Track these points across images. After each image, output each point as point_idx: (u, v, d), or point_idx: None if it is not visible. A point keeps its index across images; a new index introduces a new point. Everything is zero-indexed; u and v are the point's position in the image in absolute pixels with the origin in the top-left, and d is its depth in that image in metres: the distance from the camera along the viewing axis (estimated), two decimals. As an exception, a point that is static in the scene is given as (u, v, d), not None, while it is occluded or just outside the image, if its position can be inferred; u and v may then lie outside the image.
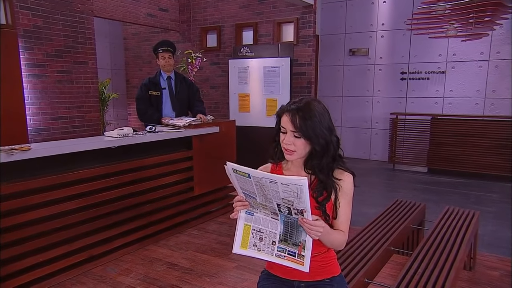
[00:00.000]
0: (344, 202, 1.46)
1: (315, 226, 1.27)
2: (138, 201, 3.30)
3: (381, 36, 7.13)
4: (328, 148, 1.44)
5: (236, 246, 1.43)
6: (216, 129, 4.01)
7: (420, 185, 5.67)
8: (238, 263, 3.03)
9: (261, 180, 1.24)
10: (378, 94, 7.29)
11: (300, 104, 1.43)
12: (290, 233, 1.36)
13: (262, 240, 1.41)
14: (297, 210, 1.27)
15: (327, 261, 1.52)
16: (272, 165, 1.59)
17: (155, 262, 3.08)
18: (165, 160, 3.55)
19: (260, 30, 6.30)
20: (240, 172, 1.29)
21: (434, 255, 2.14)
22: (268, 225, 1.39)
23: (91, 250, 2.95)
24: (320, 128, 1.41)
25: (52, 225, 2.67)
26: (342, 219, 1.48)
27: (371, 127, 7.44)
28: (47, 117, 4.86)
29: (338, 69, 7.64)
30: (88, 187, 2.90)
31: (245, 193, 1.37)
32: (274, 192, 1.25)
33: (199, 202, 3.93)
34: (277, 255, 1.38)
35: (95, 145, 2.93)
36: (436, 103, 6.75)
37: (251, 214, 1.42)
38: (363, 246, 2.25)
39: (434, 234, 2.46)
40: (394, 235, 2.41)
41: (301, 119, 1.39)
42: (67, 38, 4.98)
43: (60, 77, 4.94)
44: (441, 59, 6.62)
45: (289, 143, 1.42)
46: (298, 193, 1.21)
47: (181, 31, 7.12)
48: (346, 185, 1.47)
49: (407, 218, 2.75)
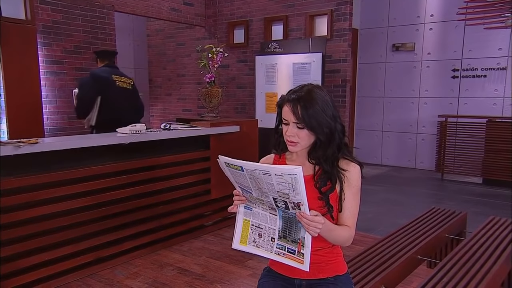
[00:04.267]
0: (350, 194, 1.50)
1: (313, 221, 1.31)
2: (151, 202, 3.45)
3: (430, 29, 7.02)
4: (333, 137, 1.49)
5: (235, 242, 1.51)
6: (237, 128, 4.12)
7: (472, 197, 5.49)
8: (254, 271, 3.09)
9: (255, 173, 1.30)
10: (425, 95, 7.14)
11: (301, 93, 1.48)
12: (289, 229, 1.41)
13: (261, 236, 1.46)
14: (293, 203, 1.31)
15: (332, 257, 1.56)
16: (275, 156, 1.65)
17: (165, 267, 3.20)
18: (180, 160, 3.69)
19: (290, 24, 6.40)
20: (233, 165, 1.35)
21: (464, 265, 2.11)
22: (267, 220, 1.45)
23: (99, 251, 3.12)
24: (323, 117, 1.46)
25: (58, 223, 2.86)
26: (348, 212, 1.51)
27: (416, 132, 7.29)
28: (64, 117, 5.18)
29: (380, 67, 7.58)
30: (98, 185, 3.07)
31: (241, 187, 1.43)
32: (269, 184, 1.30)
33: (217, 207, 4.04)
34: (276, 253, 1.44)
35: (106, 141, 3.11)
36: (494, 105, 6.53)
37: (249, 208, 1.48)
38: (386, 252, 2.25)
39: (469, 244, 2.42)
40: (422, 243, 2.39)
41: (303, 109, 1.44)
42: (86, 34, 5.31)
43: (78, 75, 5.25)
44: (502, 53, 6.41)
45: (292, 134, 1.48)
46: (293, 184, 1.25)
47: (206, 26, 7.35)
48: (352, 176, 1.50)
49: (442, 227, 2.71)
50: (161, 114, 8.37)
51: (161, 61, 8.32)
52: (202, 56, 4.52)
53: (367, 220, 4.33)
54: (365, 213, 4.49)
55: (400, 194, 5.70)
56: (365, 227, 4.06)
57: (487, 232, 2.65)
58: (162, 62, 8.29)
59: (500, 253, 2.30)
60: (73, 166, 2.99)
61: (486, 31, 6.10)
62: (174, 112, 7.99)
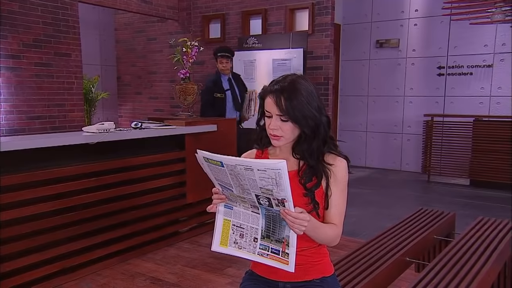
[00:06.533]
0: (336, 190, 1.52)
1: (298, 219, 1.32)
2: (121, 206, 3.41)
3: (414, 25, 7.18)
4: (318, 130, 1.51)
5: (215, 243, 1.50)
6: (214, 128, 4.11)
7: (460, 199, 5.63)
8: (233, 279, 3.09)
9: (236, 168, 1.30)
10: (410, 93, 7.30)
11: (284, 84, 1.49)
12: (272, 228, 1.41)
13: (243, 236, 1.46)
14: (277, 200, 1.32)
15: (318, 258, 1.57)
16: (257, 151, 1.66)
17: (137, 277, 3.16)
18: (153, 161, 3.66)
19: (270, 18, 6.44)
20: (212, 160, 1.34)
21: (454, 267, 2.16)
22: (249, 220, 1.45)
23: (64, 261, 3.05)
24: (308, 108, 1.47)
25: (19, 230, 2.78)
26: (335, 210, 1.53)
27: (402, 132, 7.44)
28: (23, 116, 5.06)
29: (363, 64, 7.70)
30: (63, 188, 3.01)
31: (221, 184, 1.43)
32: (251, 180, 1.30)
33: (193, 212, 4.03)
34: (259, 254, 1.44)
35: (71, 140, 3.06)
36: (481, 103, 6.72)
37: (230, 207, 1.48)
38: (373, 254, 2.28)
39: (458, 245, 2.48)
40: (410, 245, 2.44)
41: (286, 101, 1.45)
42: (47, 26, 5.20)
43: (38, 71, 5.14)
44: (488, 50, 6.61)
45: (275, 127, 1.49)
46: (277, 179, 1.26)
47: (180, 20, 7.32)
48: (339, 171, 1.52)
49: (430, 228, 2.77)
50: (131, 114, 8.27)
51: (130, 57, 8.23)
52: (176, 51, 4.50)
53: (351, 224, 4.38)
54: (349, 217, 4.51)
55: (386, 197, 5.79)
56: (350, 231, 4.10)
57: (476, 232, 2.72)
58: (132, 58, 8.21)
59: (490, 253, 2.37)
60: (35, 168, 2.92)
61: (471, 27, 6.28)
62: (145, 113, 7.90)
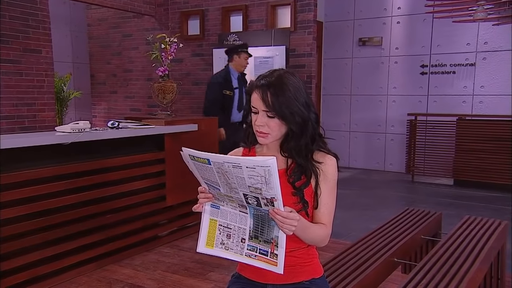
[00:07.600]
0: (326, 189, 1.52)
1: (288, 218, 1.31)
2: (97, 210, 3.35)
3: (397, 22, 7.29)
4: (306, 128, 1.51)
5: (200, 244, 1.48)
6: (194, 127, 4.08)
7: (444, 199, 5.73)
8: (216, 283, 3.07)
9: (223, 166, 1.29)
10: (393, 92, 7.41)
11: (271, 79, 1.48)
12: (261, 228, 1.40)
13: (230, 237, 1.45)
14: (266, 199, 1.31)
15: (307, 259, 1.57)
16: (244, 149, 1.65)
17: (114, 284, 3.11)
18: (131, 162, 3.61)
19: (251, 15, 6.44)
20: (199, 158, 1.33)
21: (443, 267, 2.19)
22: (236, 219, 1.44)
23: (35, 269, 2.97)
24: (295, 104, 1.47)
25: (-12, 235, 2.71)
26: (324, 209, 1.54)
27: (385, 132, 7.53)
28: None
29: (346, 63, 7.77)
30: (35, 191, 2.93)
31: (207, 183, 1.41)
32: (239, 179, 1.29)
33: (173, 215, 3.99)
34: (247, 255, 1.43)
35: (43, 140, 2.99)
36: (464, 102, 6.86)
37: (217, 207, 1.47)
38: (361, 255, 2.29)
39: (446, 245, 2.51)
40: (398, 245, 2.46)
41: (273, 96, 1.44)
42: (14, 21, 5.08)
43: (5, 68, 5.02)
44: (470, 48, 6.76)
45: (261, 124, 1.48)
46: (266, 177, 1.25)
47: (157, 15, 7.26)
48: (328, 169, 1.53)
49: (417, 228, 2.80)
50: (105, 114, 8.16)
51: (104, 55, 8.12)
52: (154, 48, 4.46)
53: (336, 226, 4.32)
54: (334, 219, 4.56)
55: (370, 197, 5.85)
56: (335, 233, 4.05)
57: (463, 232, 2.76)
58: (106, 55, 8.10)
59: (477, 253, 2.41)
60: (2, 170, 2.84)
61: (454, 25, 6.41)
62: (121, 112, 7.80)
